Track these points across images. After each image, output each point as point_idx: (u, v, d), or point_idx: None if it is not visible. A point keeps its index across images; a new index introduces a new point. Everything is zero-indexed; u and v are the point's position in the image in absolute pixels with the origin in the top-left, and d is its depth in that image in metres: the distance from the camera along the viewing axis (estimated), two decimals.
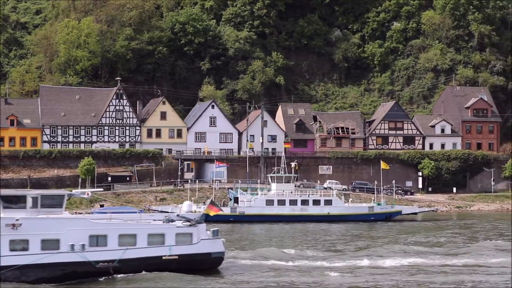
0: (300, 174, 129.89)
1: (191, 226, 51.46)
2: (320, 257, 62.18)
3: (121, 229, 50.88)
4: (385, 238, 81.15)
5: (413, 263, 60.90)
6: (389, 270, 57.65)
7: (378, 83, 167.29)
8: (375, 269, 57.99)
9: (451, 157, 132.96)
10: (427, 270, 58.36)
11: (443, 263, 61.79)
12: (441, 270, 58.62)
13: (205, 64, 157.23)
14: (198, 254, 51.40)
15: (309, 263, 58.17)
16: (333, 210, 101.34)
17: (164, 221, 51.88)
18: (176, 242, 50.95)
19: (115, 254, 50.08)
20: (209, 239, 51.80)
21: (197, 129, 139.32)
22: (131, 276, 49.32)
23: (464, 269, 58.98)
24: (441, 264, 61.43)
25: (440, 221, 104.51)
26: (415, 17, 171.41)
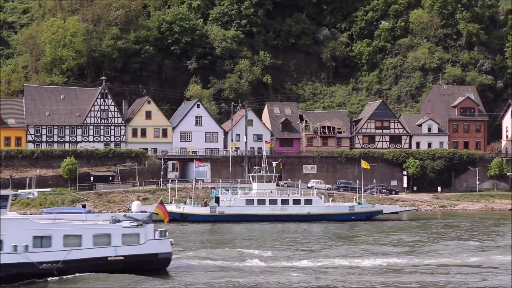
0: (285, 173, 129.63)
1: (138, 226, 51.03)
2: (287, 256, 61.75)
3: (65, 230, 50.22)
4: (359, 237, 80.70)
5: (388, 263, 60.32)
6: (352, 270, 57.13)
7: (366, 82, 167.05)
8: (341, 269, 57.52)
9: (436, 156, 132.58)
10: (400, 270, 57.88)
11: (421, 263, 61.24)
12: (415, 270, 58.11)
13: (192, 64, 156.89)
14: (144, 255, 50.84)
15: (272, 263, 57.71)
16: (313, 209, 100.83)
17: (111, 221, 51.45)
18: (123, 242, 50.44)
19: (59, 255, 49.45)
20: (156, 239, 51.34)
21: (183, 129, 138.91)
22: (75, 277, 48.91)
23: (439, 269, 58.44)
24: (416, 264, 60.95)
25: (423, 220, 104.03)
26: (403, 16, 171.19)
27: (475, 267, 59.51)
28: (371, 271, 57.20)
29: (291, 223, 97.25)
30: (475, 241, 76.35)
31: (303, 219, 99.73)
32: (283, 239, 77.77)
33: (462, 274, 56.63)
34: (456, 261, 62.23)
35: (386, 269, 58.16)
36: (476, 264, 61.20)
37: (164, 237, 51.76)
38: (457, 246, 71.65)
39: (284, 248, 68.99)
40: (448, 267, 59.25)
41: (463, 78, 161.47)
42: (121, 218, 52.41)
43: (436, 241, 75.29)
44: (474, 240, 77.38)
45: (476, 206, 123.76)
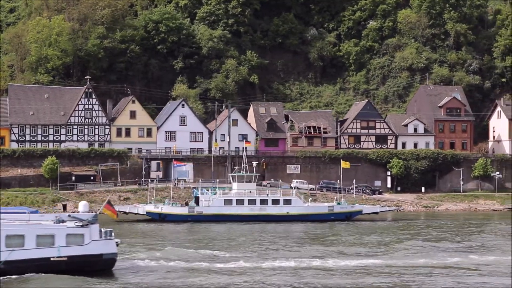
0: (268, 173, 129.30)
1: (83, 226, 50.58)
2: (244, 257, 61.38)
3: (8, 230, 49.54)
4: (332, 237, 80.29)
5: (360, 264, 59.78)
6: (319, 271, 56.76)
7: (353, 82, 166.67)
8: (305, 270, 57.08)
9: (420, 156, 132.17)
10: (371, 270, 57.41)
11: (394, 264, 60.72)
12: (387, 271, 57.59)
13: (178, 63, 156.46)
14: (88, 256, 50.33)
15: (223, 265, 57.32)
16: (293, 209, 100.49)
17: (55, 221, 50.96)
18: (66, 243, 49.87)
19: (0, 255, 48.89)
20: (101, 240, 50.83)
21: (167, 128, 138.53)
22: (17, 278, 48.46)
23: (410, 270, 58.00)
24: (389, 265, 60.45)
25: (403, 221, 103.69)
26: (391, 15, 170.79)
27: (449, 268, 59.02)
28: (341, 272, 56.78)
29: (270, 224, 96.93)
30: (452, 241, 76.07)
31: (282, 220, 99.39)
32: (250, 240, 77.29)
33: (434, 275, 56.19)
34: (433, 261, 61.74)
35: (357, 270, 57.59)
36: (449, 265, 60.65)
37: (110, 238, 51.26)
38: (433, 247, 71.30)
39: (246, 249, 68.39)
40: (419, 268, 58.68)
41: (451, 78, 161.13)
42: (65, 218, 51.85)
43: (412, 242, 74.71)
44: (451, 240, 77.08)
45: (459, 207, 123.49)
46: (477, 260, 62.18)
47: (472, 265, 59.79)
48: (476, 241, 76.26)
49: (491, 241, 76.59)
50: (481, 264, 60.26)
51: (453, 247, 71.51)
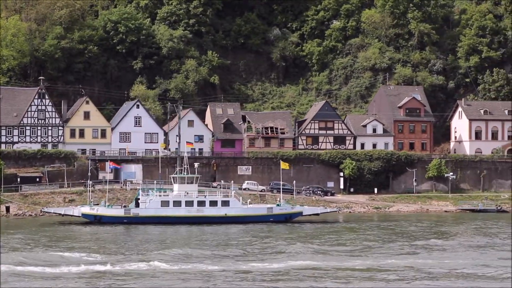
0: (219, 174, 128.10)
1: None
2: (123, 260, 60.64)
3: None
4: (250, 239, 79.17)
5: (276, 266, 59.19)
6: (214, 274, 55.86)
7: (316, 82, 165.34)
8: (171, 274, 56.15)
9: (373, 157, 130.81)
10: (281, 274, 56.64)
11: (307, 265, 60.12)
12: (311, 274, 56.80)
13: (137, 63, 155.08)
14: None
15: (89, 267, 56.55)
16: (231, 211, 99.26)
17: None
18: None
19: None
20: None
21: (122, 129, 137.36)
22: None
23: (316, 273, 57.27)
24: (312, 267, 59.66)
25: (347, 222, 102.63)
26: (355, 15, 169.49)
27: (352, 270, 58.29)
28: (256, 275, 55.84)
29: (208, 226, 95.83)
30: (341, 245, 75.27)
31: (220, 221, 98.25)
32: (155, 242, 76.38)
33: (333, 278, 55.42)
34: (343, 264, 61.12)
35: (272, 273, 56.78)
36: (355, 267, 59.77)
37: None
38: (323, 250, 70.08)
39: (175, 252, 67.50)
40: (326, 271, 58.07)
41: (414, 79, 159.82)
42: None
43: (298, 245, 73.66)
44: (347, 244, 76.18)
45: (411, 208, 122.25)
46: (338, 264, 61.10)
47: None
48: (359, 245, 74.80)
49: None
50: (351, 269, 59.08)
51: (341, 250, 70.42)
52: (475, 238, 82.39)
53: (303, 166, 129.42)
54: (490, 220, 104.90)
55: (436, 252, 69.52)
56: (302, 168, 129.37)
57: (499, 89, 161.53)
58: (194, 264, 59.99)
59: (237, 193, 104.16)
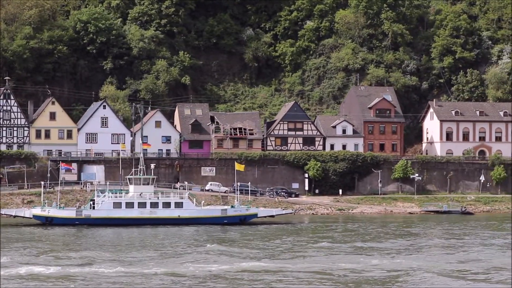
0: (182, 175, 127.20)
1: None
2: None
3: None
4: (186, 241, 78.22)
5: (216, 269, 58.27)
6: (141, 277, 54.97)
7: (288, 83, 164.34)
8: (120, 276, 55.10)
9: (338, 158, 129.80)
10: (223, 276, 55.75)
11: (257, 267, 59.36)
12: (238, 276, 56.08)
13: (107, 64, 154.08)
14: None
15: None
16: (184, 213, 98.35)
17: None
18: None
19: None
20: None
21: (88, 130, 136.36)
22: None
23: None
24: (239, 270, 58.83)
25: (304, 224, 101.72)
26: (328, 16, 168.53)
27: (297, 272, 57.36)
28: (193, 278, 54.93)
29: (161, 227, 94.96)
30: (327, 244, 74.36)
31: (173, 223, 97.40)
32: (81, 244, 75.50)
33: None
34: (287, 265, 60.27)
35: (210, 276, 56.01)
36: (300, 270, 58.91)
37: None
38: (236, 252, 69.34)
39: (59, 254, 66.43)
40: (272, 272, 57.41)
41: (387, 79, 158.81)
42: None
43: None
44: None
45: (375, 210, 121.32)
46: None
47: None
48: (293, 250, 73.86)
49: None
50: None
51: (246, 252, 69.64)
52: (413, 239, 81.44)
53: (267, 167, 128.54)
54: (448, 222, 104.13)
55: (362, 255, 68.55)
56: (267, 170, 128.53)
57: (473, 90, 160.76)
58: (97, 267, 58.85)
59: (191, 194, 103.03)
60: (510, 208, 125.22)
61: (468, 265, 61.57)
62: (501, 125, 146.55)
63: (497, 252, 69.93)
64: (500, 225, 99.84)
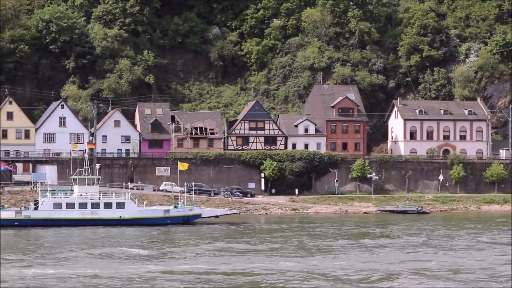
0: (136, 175, 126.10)
1: None
2: None
3: None
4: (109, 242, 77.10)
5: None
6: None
7: (254, 82, 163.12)
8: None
9: (295, 157, 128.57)
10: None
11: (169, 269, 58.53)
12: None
13: (70, 63, 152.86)
14: None
15: None
16: (126, 213, 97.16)
17: None
18: None
19: None
20: None
21: (46, 130, 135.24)
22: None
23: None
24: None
25: (249, 224, 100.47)
26: (295, 14, 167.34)
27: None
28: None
29: (102, 228, 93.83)
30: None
31: (115, 224, 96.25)
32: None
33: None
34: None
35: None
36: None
37: None
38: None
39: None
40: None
41: (353, 78, 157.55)
42: None
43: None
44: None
45: (329, 209, 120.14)
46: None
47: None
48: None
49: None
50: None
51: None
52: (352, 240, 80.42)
53: (223, 167, 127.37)
54: (400, 222, 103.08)
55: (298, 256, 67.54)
56: (222, 169, 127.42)
57: (440, 89, 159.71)
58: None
59: (133, 195, 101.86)
60: (467, 208, 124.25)
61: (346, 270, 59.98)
62: (466, 123, 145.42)
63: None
64: (445, 224, 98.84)
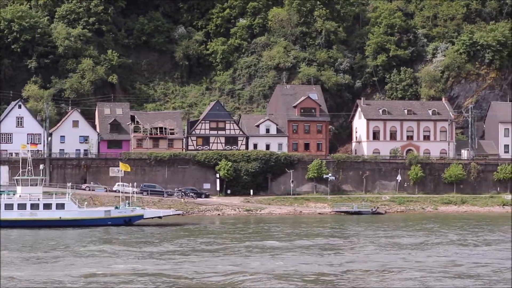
0: (89, 176, 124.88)
1: None
2: None
3: None
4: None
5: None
6: None
7: (219, 82, 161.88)
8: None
9: (251, 158, 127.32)
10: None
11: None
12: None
13: (32, 63, 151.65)
14: None
15: None
16: (66, 214, 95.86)
17: None
18: None
19: None
20: None
21: (3, 130, 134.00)
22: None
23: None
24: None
25: (190, 225, 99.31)
26: (261, 13, 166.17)
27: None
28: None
29: (42, 229, 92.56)
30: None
31: (55, 225, 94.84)
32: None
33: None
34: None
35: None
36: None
37: None
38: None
39: None
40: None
41: (318, 78, 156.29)
42: None
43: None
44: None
45: (283, 210, 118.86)
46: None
47: None
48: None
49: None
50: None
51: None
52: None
53: (178, 167, 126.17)
54: (353, 222, 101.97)
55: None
56: (177, 170, 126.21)
57: (406, 88, 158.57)
58: None
59: (73, 195, 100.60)
60: (424, 209, 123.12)
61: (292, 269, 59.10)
62: (429, 123, 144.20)
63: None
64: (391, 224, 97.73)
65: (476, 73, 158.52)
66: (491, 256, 66.46)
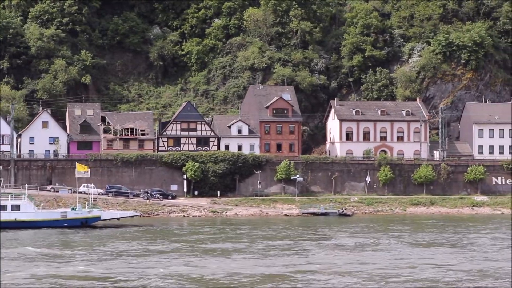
0: (55, 177, 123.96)
1: None
2: None
3: None
4: None
5: None
6: None
7: (193, 83, 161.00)
8: None
9: (218, 159, 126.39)
10: None
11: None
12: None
13: (4, 63, 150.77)
14: None
15: None
16: (21, 216, 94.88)
17: None
18: None
19: None
20: None
21: None
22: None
23: None
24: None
25: (148, 226, 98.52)
26: (237, 13, 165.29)
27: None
28: None
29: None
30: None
31: (10, 227, 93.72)
32: None
33: None
34: None
35: None
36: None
37: None
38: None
39: None
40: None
41: (293, 78, 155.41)
42: None
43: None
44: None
45: (249, 212, 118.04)
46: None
47: None
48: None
49: None
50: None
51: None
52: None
53: (145, 168, 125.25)
54: (311, 224, 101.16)
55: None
56: (144, 171, 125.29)
57: (382, 89, 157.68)
58: None
59: (30, 196, 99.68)
60: (393, 210, 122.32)
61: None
62: (403, 124, 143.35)
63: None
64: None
65: (452, 74, 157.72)
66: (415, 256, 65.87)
